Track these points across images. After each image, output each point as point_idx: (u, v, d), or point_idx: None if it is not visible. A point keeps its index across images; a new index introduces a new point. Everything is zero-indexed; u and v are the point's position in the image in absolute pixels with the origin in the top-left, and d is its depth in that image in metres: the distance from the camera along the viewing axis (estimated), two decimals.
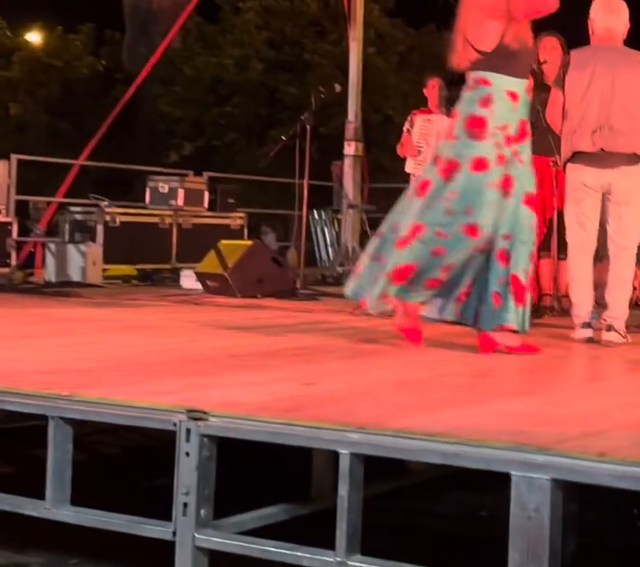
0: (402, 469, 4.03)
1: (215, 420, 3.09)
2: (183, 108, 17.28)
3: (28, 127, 17.89)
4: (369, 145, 14.86)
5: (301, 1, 17.01)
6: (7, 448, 5.28)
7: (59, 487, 3.38)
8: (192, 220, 10.90)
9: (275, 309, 7.41)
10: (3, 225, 9.41)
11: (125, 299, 8.18)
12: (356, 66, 11.42)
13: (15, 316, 6.58)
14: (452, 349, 5.12)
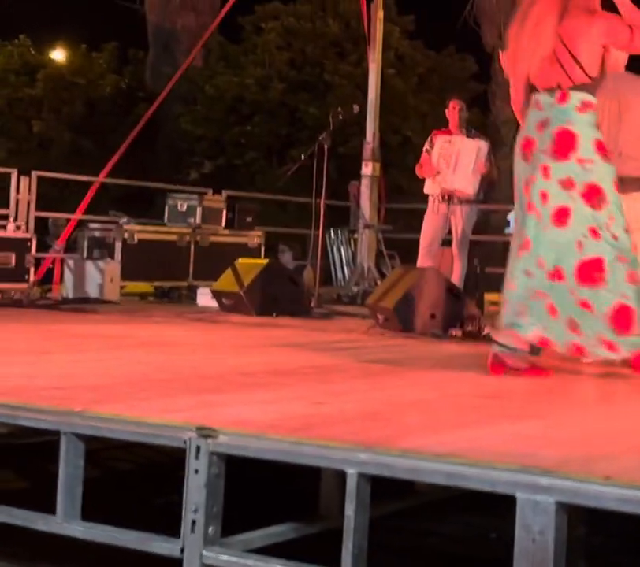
0: (410, 489, 4.03)
1: (224, 438, 3.10)
2: (204, 126, 17.37)
3: (51, 144, 18.00)
4: (387, 165, 14.91)
5: (322, 22, 17.10)
6: (22, 463, 5.31)
7: (70, 502, 3.39)
8: (210, 238, 10.95)
9: (289, 328, 7.43)
10: (22, 241, 9.46)
11: (141, 316, 8.21)
12: (375, 87, 11.47)
13: (32, 332, 6.61)
14: (462, 369, 5.13)
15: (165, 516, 3.37)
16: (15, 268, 9.33)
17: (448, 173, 8.62)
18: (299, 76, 16.70)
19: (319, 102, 15.95)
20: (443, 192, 8.65)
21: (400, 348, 6.17)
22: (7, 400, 3.55)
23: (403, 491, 3.97)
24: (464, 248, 8.71)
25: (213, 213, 10.96)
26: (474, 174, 8.59)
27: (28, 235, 9.64)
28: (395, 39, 16.87)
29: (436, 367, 5.31)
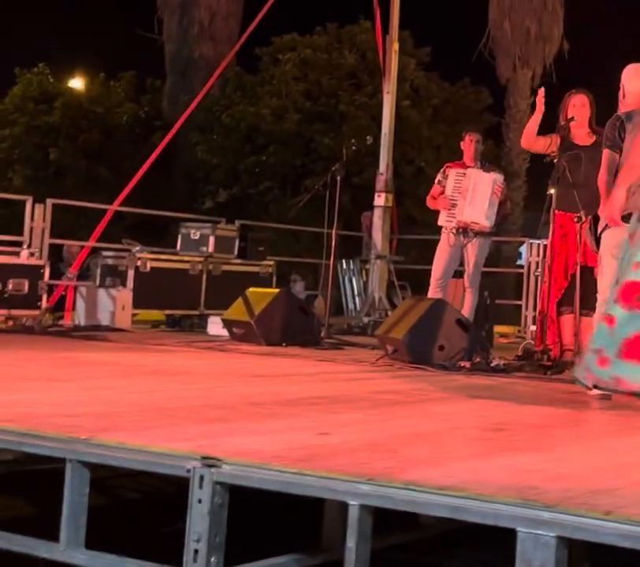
0: (414, 522, 4.03)
1: (228, 468, 3.11)
2: (220, 156, 17.47)
3: (68, 171, 18.12)
4: (400, 196, 14.96)
5: (339, 53, 17.20)
6: (32, 490, 5.31)
7: (74, 529, 3.39)
8: (222, 267, 10.98)
9: (299, 358, 7.44)
10: (36, 268, 9.51)
11: (152, 344, 8.22)
12: (389, 118, 11.53)
13: (42, 359, 6.62)
14: (469, 401, 5.13)
15: (170, 546, 3.36)
16: (28, 295, 9.37)
17: (464, 206, 8.60)
18: (314, 107, 16.78)
19: (334, 133, 16.03)
20: (458, 225, 8.63)
21: (409, 379, 6.17)
22: (14, 426, 3.56)
23: (406, 523, 3.96)
24: (476, 281, 8.70)
25: (226, 242, 11.01)
26: (490, 207, 8.58)
27: (42, 262, 9.69)
28: (410, 71, 16.95)
29: (443, 399, 5.31)
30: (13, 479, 5.60)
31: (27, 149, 18.53)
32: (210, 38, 19.81)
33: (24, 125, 18.63)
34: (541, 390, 5.92)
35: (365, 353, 7.86)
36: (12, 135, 18.42)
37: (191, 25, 19.89)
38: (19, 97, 19.08)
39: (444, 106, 17.56)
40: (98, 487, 5.61)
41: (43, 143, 18.60)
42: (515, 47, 19.19)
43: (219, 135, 17.69)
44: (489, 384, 6.06)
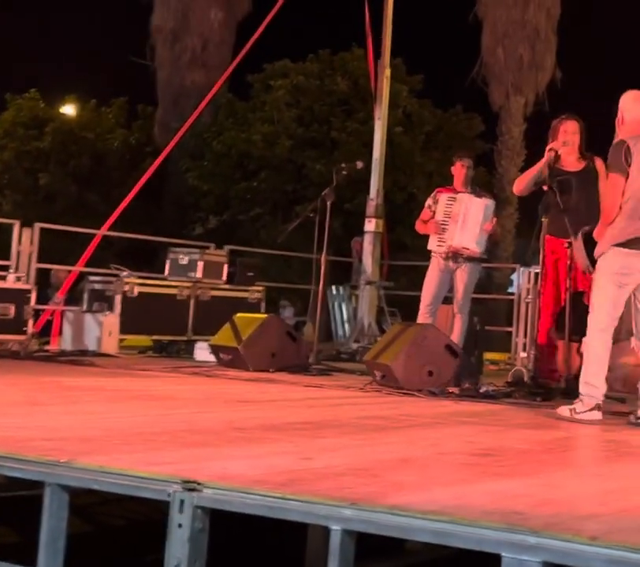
0: (401, 549, 3.99)
1: (209, 492, 3.07)
2: (210, 182, 17.49)
3: (57, 197, 18.13)
4: (392, 222, 14.97)
5: (331, 80, 17.26)
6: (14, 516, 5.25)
7: (52, 555, 3.34)
8: (210, 293, 10.96)
9: (285, 384, 7.40)
10: (22, 292, 9.47)
11: (138, 370, 8.18)
12: (380, 144, 11.56)
13: (27, 384, 6.58)
14: (457, 427, 5.10)
15: None
16: (14, 320, 9.33)
17: (455, 231, 8.58)
18: (306, 133, 16.82)
19: (326, 159, 16.06)
20: (449, 250, 8.61)
21: (396, 405, 6.14)
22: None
23: (392, 550, 3.93)
24: (466, 306, 8.67)
25: (215, 268, 10.98)
26: (481, 232, 8.56)
27: (28, 287, 9.65)
28: (403, 98, 17.01)
29: (431, 424, 5.28)
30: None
31: (16, 174, 18.55)
32: (203, 66, 19.87)
33: (14, 150, 18.66)
34: (530, 416, 5.89)
35: (353, 379, 7.83)
36: (1, 161, 18.46)
37: (183, 52, 19.96)
38: (9, 122, 19.12)
39: (436, 133, 17.62)
40: (83, 513, 5.58)
41: (33, 168, 18.62)
42: (508, 74, 19.29)
43: (210, 161, 17.72)
44: (477, 410, 6.03)
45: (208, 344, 9.22)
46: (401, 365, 6.90)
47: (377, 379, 7.20)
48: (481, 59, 19.57)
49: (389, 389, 6.92)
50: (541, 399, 6.55)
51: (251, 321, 8.80)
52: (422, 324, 7.76)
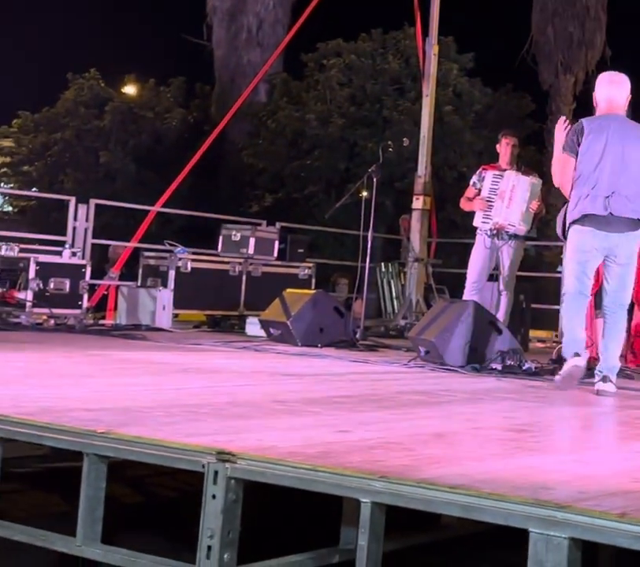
0: (437, 523, 3.94)
1: (243, 463, 3.05)
2: (266, 160, 17.45)
3: (117, 175, 18.20)
4: (442, 201, 14.84)
5: (383, 59, 17.14)
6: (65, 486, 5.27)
7: (90, 524, 3.34)
8: (262, 269, 10.94)
9: (332, 359, 7.37)
10: (77, 268, 9.50)
11: (189, 344, 8.19)
12: (428, 121, 11.42)
13: (79, 357, 6.61)
14: (496, 403, 5.04)
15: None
16: (69, 294, 9.37)
17: (501, 208, 8.47)
18: (358, 112, 16.71)
19: (378, 138, 15.96)
20: (494, 226, 8.50)
21: (438, 381, 6.09)
22: (34, 420, 3.53)
23: (428, 524, 3.88)
24: (511, 283, 8.56)
25: (266, 244, 10.96)
26: (528, 210, 8.45)
27: (83, 262, 9.68)
28: (453, 77, 16.86)
29: (470, 400, 5.22)
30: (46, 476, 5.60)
31: (77, 152, 18.63)
32: (258, 45, 19.83)
33: (75, 129, 18.74)
34: (571, 393, 5.80)
35: (398, 355, 7.79)
36: (63, 139, 18.53)
37: (239, 32, 19.93)
38: (71, 101, 19.19)
39: (486, 112, 17.43)
40: (135, 485, 5.60)
41: (94, 147, 18.69)
42: (558, 53, 19.02)
43: (265, 139, 17.68)
44: (518, 387, 5.95)
45: (258, 319, 9.21)
46: (445, 341, 6.83)
47: (421, 355, 7.14)
48: (532, 37, 19.32)
49: (433, 365, 6.87)
50: (582, 377, 6.45)
51: (299, 297, 8.77)
52: (466, 300, 7.67)
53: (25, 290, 9.07)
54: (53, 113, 19.14)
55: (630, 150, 5.79)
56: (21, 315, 9.11)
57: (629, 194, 5.74)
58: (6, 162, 19.00)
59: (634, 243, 5.81)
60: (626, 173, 5.76)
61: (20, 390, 4.44)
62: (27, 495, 5.32)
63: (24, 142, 19.01)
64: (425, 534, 3.95)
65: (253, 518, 3.23)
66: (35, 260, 9.16)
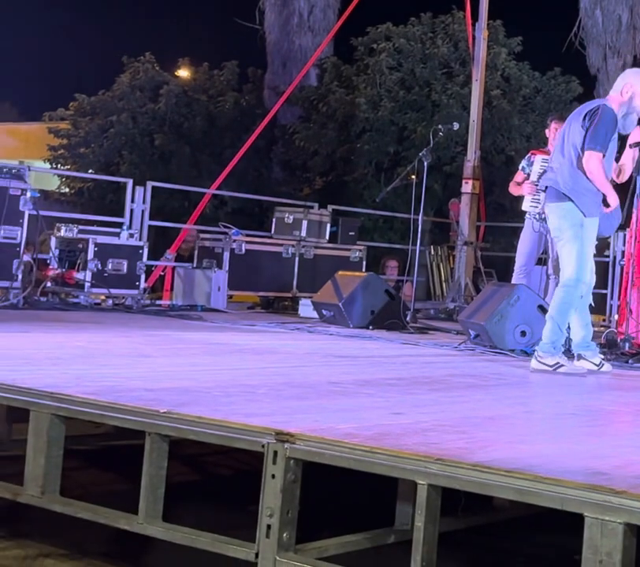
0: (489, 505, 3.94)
1: (301, 444, 3.07)
2: (317, 144, 17.41)
3: (171, 157, 18.24)
4: (490, 185, 14.74)
5: (432, 43, 17.00)
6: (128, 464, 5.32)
7: (151, 502, 3.37)
8: (314, 251, 10.95)
9: (383, 341, 7.37)
10: (135, 249, 9.57)
11: (243, 325, 8.23)
12: (477, 106, 11.34)
13: (137, 336, 6.67)
14: (547, 387, 5.02)
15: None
16: (127, 275, 9.44)
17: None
18: (408, 96, 16.60)
19: (427, 122, 15.86)
20: (542, 211, 8.43)
21: (488, 364, 6.07)
22: (97, 399, 3.57)
23: (480, 506, 3.88)
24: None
25: (318, 227, 10.97)
26: None
27: (141, 243, 9.74)
28: (501, 61, 16.68)
29: (520, 383, 5.21)
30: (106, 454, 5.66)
31: (133, 135, 18.68)
32: (310, 30, 19.77)
33: (131, 112, 18.79)
34: (622, 377, 5.76)
35: (448, 338, 7.77)
36: (119, 122, 18.58)
37: (290, 16, 19.86)
38: (126, 84, 19.24)
39: (534, 96, 17.23)
40: (191, 463, 5.64)
41: (149, 130, 18.73)
42: (606, 36, 18.73)
43: (316, 123, 17.63)
44: (569, 371, 5.91)
45: (310, 301, 9.23)
46: (494, 324, 6.80)
47: (471, 338, 7.12)
48: (580, 21, 19.05)
49: (483, 348, 6.85)
50: (633, 361, 6.40)
51: (351, 279, 8.77)
52: (515, 284, 7.63)
53: (84, 270, 9.15)
54: (109, 96, 19.19)
55: (571, 126, 5.90)
56: (80, 295, 9.21)
57: (555, 167, 5.92)
58: (63, 144, 19.07)
59: (558, 216, 5.88)
60: (561, 150, 5.90)
61: (81, 370, 4.48)
62: (85, 473, 5.39)
63: (80, 124, 19.09)
64: (477, 516, 3.94)
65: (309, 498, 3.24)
66: (94, 241, 9.23)
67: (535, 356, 5.72)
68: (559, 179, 5.82)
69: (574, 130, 5.82)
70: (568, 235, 5.80)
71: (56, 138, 19.15)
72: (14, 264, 8.72)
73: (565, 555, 4.24)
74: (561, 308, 5.79)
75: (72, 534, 4.09)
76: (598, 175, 5.68)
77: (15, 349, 5.29)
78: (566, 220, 5.80)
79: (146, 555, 3.97)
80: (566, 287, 5.79)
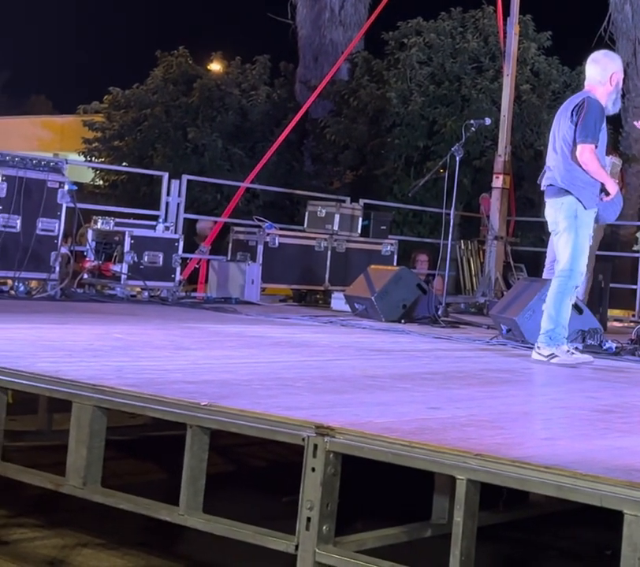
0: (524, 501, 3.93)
1: (341, 438, 3.08)
2: (347, 138, 17.39)
3: (204, 150, 18.27)
4: (520, 179, 14.67)
5: (462, 38, 16.93)
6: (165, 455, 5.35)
7: (193, 494, 3.39)
8: (346, 245, 10.95)
9: (416, 335, 7.37)
10: (171, 241, 9.60)
11: (277, 318, 8.25)
12: (508, 100, 11.30)
13: (173, 329, 6.69)
14: (581, 382, 5.00)
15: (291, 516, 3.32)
16: (162, 267, 9.48)
17: None
18: (438, 91, 16.55)
19: (456, 116, 15.80)
20: None
21: (521, 359, 6.05)
22: (138, 391, 3.59)
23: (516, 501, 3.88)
24: (590, 263, 8.44)
25: (350, 221, 10.97)
26: None
27: (176, 236, 9.77)
28: (531, 55, 16.60)
29: (555, 379, 5.19)
30: (145, 445, 5.69)
31: (166, 128, 18.72)
32: (340, 24, 19.72)
33: (164, 105, 18.82)
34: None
35: (480, 332, 7.76)
36: (152, 115, 18.62)
37: (322, 11, 19.81)
38: (160, 78, 19.27)
39: (563, 91, 17.12)
40: (226, 454, 5.67)
41: (182, 123, 18.76)
42: (636, 31, 18.58)
43: (347, 117, 17.61)
44: (600, 366, 5.90)
45: (343, 294, 9.24)
46: (526, 319, 6.78)
47: (503, 333, 7.10)
48: (609, 15, 18.90)
49: (515, 343, 6.83)
50: None
51: (384, 273, 8.78)
52: (546, 279, 7.60)
53: (120, 263, 9.20)
54: (143, 90, 19.22)
55: (560, 123, 5.92)
56: (116, 287, 9.26)
57: (551, 165, 5.95)
58: (97, 137, 19.13)
59: (554, 210, 5.92)
60: (553, 147, 5.94)
61: (122, 362, 4.50)
62: (123, 463, 5.43)
63: (114, 117, 19.13)
64: (514, 511, 3.94)
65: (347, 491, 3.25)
66: (130, 233, 9.27)
67: (535, 347, 5.78)
68: (556, 176, 5.89)
69: (563, 126, 5.88)
70: (563, 226, 5.87)
71: (90, 131, 19.21)
72: (52, 256, 8.78)
73: (596, 550, 4.25)
74: (556, 298, 5.86)
75: (109, 524, 4.14)
76: (593, 166, 5.75)
77: (55, 340, 5.32)
78: (561, 212, 5.87)
79: (181, 545, 4.00)
80: (560, 278, 5.87)
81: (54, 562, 3.82)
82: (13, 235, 8.53)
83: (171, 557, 3.96)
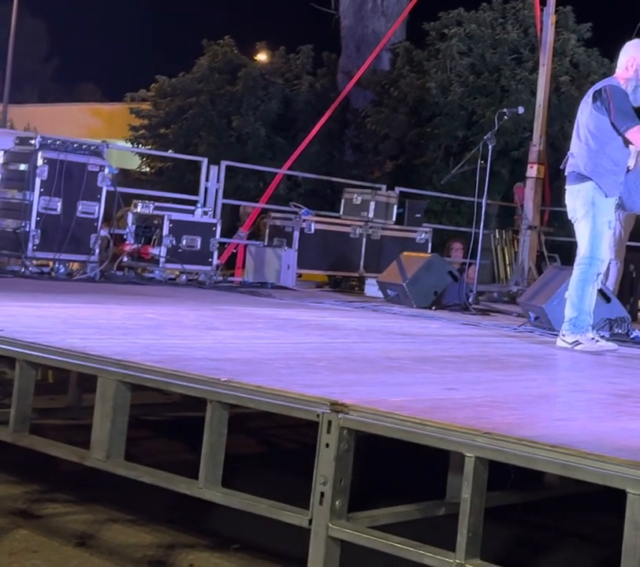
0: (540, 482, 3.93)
1: (355, 415, 3.10)
2: (387, 127, 17.36)
3: (248, 139, 18.32)
4: (557, 170, 14.57)
5: (502, 29, 16.83)
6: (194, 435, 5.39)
7: (211, 468, 3.41)
8: (381, 232, 10.95)
9: (445, 321, 7.36)
10: (208, 226, 9.65)
11: (310, 302, 8.27)
12: (543, 91, 11.22)
13: (206, 310, 6.73)
14: (602, 369, 4.98)
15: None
16: (200, 251, 9.53)
17: None
18: (477, 81, 16.47)
19: (495, 107, 15.72)
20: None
21: (546, 346, 6.02)
22: (162, 367, 3.62)
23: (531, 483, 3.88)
24: (621, 253, 8.40)
25: (385, 208, 10.96)
26: None
27: (214, 221, 9.82)
28: (571, 47, 16.47)
29: (576, 365, 5.17)
30: (176, 425, 5.74)
31: (211, 116, 18.78)
32: (383, 14, 19.66)
33: (209, 94, 18.89)
34: None
35: (509, 320, 7.73)
36: (198, 103, 18.70)
37: (364, 1, 19.78)
38: (205, 67, 19.34)
39: None
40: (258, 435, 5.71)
41: (226, 111, 18.82)
42: None
43: (387, 107, 17.57)
44: (625, 354, 5.87)
45: (376, 281, 9.24)
46: (554, 307, 6.75)
47: (530, 321, 7.08)
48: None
49: (542, 330, 6.81)
50: None
51: (416, 260, 8.77)
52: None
53: (159, 246, 9.26)
54: (189, 78, 19.31)
55: (582, 110, 5.91)
56: (155, 270, 9.33)
57: (574, 152, 5.87)
58: (144, 125, 19.26)
59: (573, 197, 5.86)
60: (577, 134, 5.89)
61: (150, 340, 4.54)
62: (155, 442, 5.48)
63: (161, 105, 19.24)
64: (528, 492, 3.94)
65: (362, 468, 3.27)
66: (169, 217, 9.33)
67: (559, 334, 5.74)
68: (579, 163, 5.81)
69: (585, 113, 5.85)
70: (581, 213, 5.82)
71: (137, 119, 19.33)
72: (92, 238, 8.86)
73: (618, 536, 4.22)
74: (577, 285, 5.81)
75: (140, 501, 4.18)
76: None
77: (87, 318, 5.38)
78: (578, 199, 5.82)
79: (209, 522, 4.04)
80: (581, 265, 5.83)
81: (83, 536, 3.86)
82: (53, 217, 8.61)
83: (198, 533, 4.00)
